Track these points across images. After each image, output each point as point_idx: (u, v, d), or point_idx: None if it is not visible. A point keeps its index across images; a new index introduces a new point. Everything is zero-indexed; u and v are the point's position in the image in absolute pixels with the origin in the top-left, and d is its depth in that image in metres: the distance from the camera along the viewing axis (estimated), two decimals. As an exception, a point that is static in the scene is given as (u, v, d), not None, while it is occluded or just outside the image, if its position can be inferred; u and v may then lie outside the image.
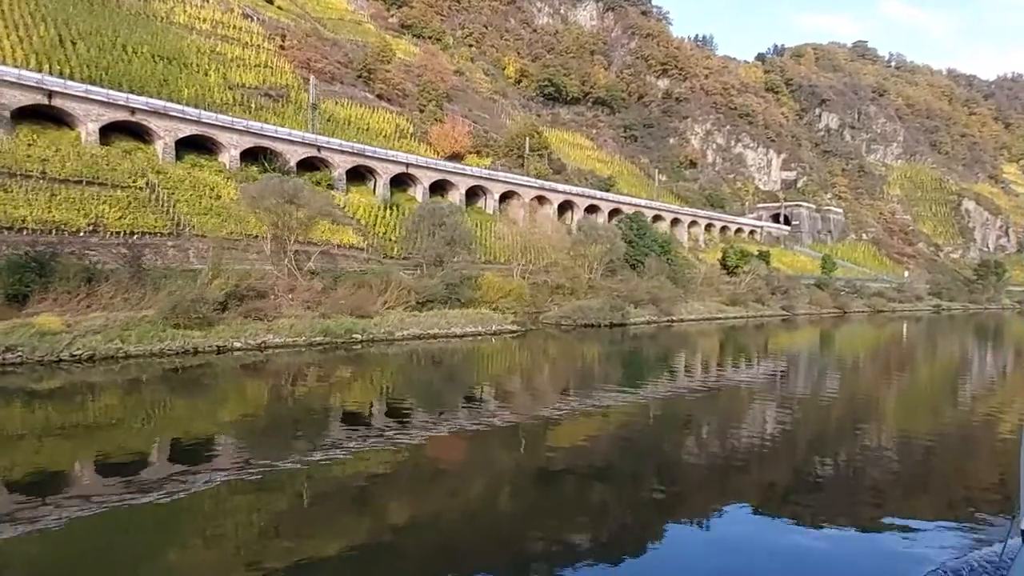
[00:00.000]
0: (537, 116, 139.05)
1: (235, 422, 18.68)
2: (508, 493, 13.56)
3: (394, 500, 12.67)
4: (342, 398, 22.25)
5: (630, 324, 49.87)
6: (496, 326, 38.75)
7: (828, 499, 13.29)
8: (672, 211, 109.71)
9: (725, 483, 14.10)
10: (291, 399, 21.96)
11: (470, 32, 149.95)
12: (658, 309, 52.22)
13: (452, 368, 30.55)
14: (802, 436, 18.88)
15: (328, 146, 63.69)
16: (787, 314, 70.90)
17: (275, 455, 14.62)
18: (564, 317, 45.32)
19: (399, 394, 23.96)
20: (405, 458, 15.01)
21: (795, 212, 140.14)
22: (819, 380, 29.50)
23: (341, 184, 64.98)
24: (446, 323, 35.32)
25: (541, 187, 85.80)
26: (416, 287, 41.63)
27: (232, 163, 56.37)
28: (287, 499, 12.47)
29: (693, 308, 58.20)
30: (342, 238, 56.57)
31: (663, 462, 15.95)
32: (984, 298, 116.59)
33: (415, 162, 71.59)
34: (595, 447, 16.90)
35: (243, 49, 79.15)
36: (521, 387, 25.85)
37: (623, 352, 39.16)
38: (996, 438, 19.12)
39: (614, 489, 13.46)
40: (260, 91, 73.32)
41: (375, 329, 32.70)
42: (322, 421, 18.68)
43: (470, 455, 16.11)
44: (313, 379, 25.70)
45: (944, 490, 14.29)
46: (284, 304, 34.12)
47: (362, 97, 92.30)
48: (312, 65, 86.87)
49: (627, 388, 25.46)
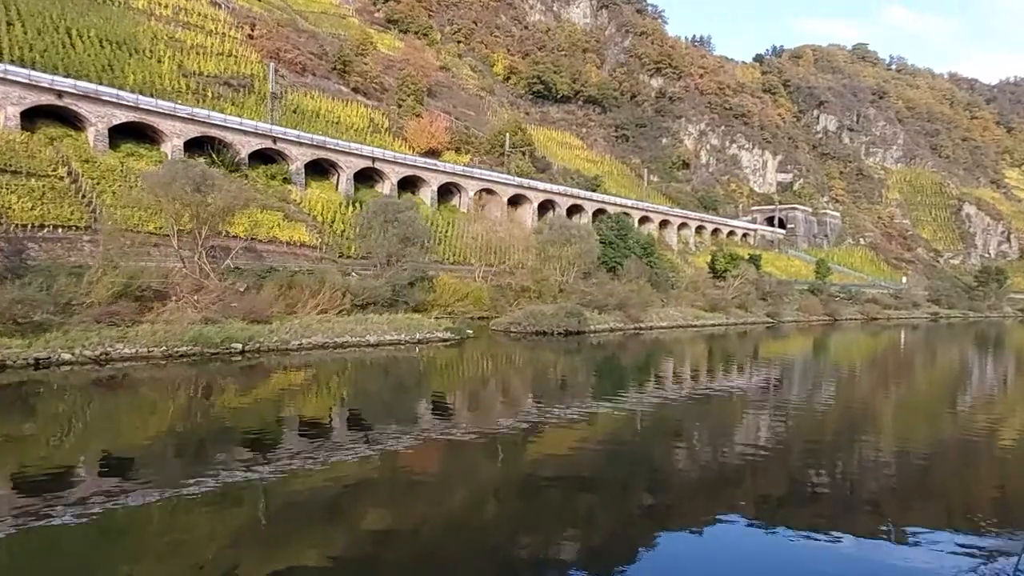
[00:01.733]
0: (526, 114, 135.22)
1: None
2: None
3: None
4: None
5: (591, 332, 44.66)
6: (425, 333, 34.07)
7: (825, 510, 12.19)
8: (661, 212, 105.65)
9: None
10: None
11: (459, 28, 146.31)
12: (625, 315, 47.78)
13: (311, 389, 23.49)
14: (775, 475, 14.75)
15: (285, 137, 59.65)
16: (772, 321, 66.48)
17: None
18: (514, 323, 40.85)
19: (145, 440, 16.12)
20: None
21: (790, 215, 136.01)
22: (794, 412, 25.11)
23: (299, 178, 60.93)
24: (363, 330, 30.72)
25: (520, 185, 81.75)
26: (355, 289, 37.54)
27: (175, 153, 52.30)
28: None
29: (667, 314, 53.70)
30: (292, 235, 52.57)
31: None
32: (985, 305, 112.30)
33: (382, 156, 67.56)
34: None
35: (206, 37, 75.26)
36: (368, 416, 19.95)
37: (560, 367, 32.54)
38: (996, 455, 17.25)
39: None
40: (220, 80, 69.36)
41: (269, 337, 27.53)
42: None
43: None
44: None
45: (945, 502, 13.37)
46: (190, 307, 30.04)
47: (336, 90, 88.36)
48: (282, 55, 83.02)
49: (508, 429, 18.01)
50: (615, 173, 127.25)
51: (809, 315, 74.84)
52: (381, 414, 20.05)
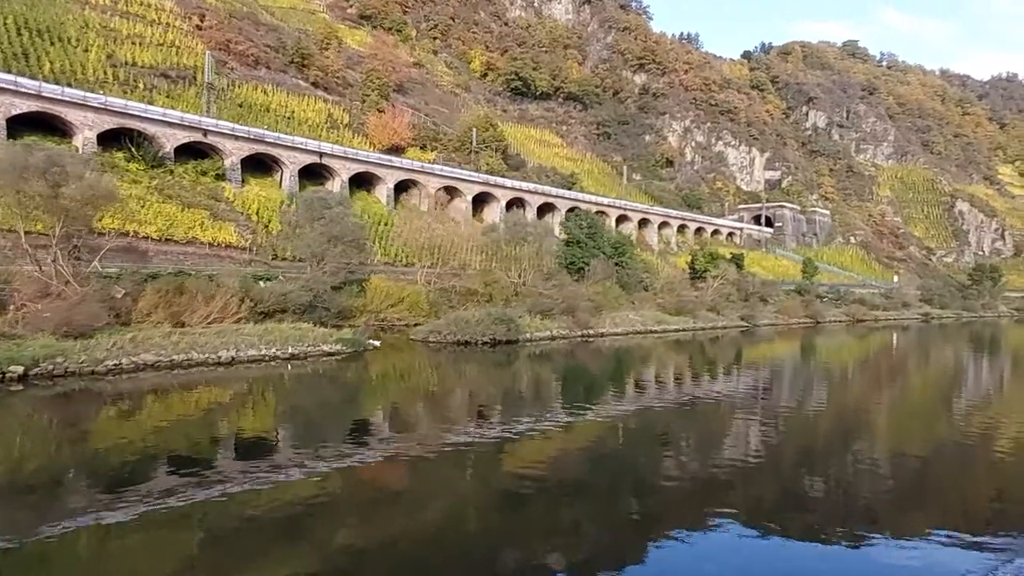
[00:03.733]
0: (503, 111, 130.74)
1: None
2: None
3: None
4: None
5: (529, 341, 38.71)
6: (307, 346, 28.34)
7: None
8: (640, 211, 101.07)
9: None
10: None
11: (435, 24, 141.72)
12: (574, 321, 42.89)
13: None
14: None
15: (216, 130, 54.78)
16: (747, 325, 61.54)
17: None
18: (434, 332, 35.84)
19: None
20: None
21: (778, 213, 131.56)
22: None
23: (235, 175, 56.06)
24: (220, 343, 25.35)
25: (485, 182, 77.00)
26: (256, 295, 32.72)
27: (87, 146, 47.45)
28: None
29: (625, 319, 48.74)
30: (217, 236, 47.76)
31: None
32: (979, 305, 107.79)
33: (330, 151, 62.72)
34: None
35: (147, 27, 70.41)
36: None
37: (446, 392, 25.60)
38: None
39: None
40: (156, 72, 64.50)
41: (77, 356, 21.58)
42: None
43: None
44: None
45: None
46: (35, 316, 25.22)
47: (293, 84, 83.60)
48: (232, 47, 78.33)
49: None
50: (595, 171, 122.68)
51: (788, 317, 69.90)
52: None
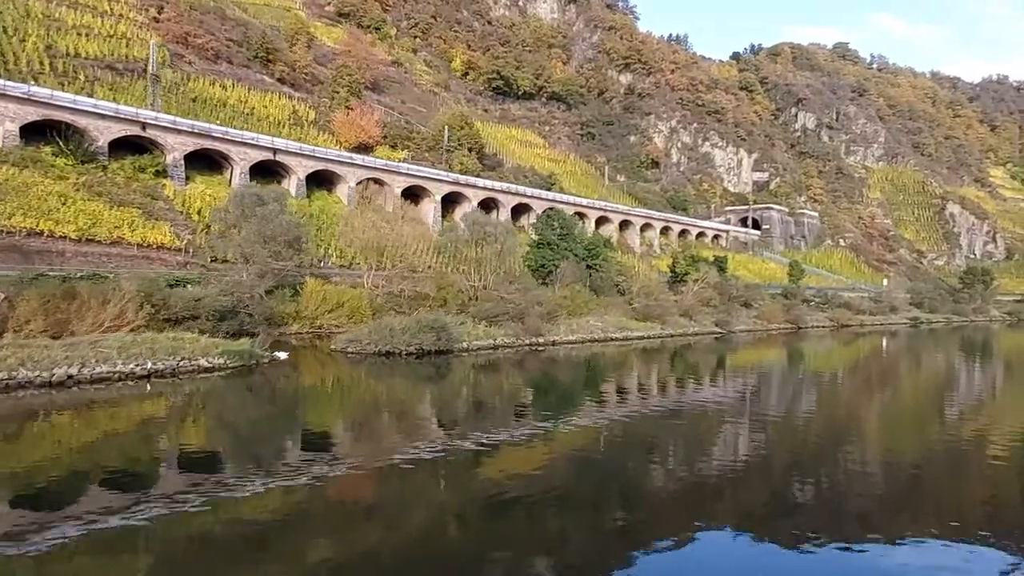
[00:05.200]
0: (484, 111, 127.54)
1: None
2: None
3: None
4: None
5: (466, 351, 34.22)
6: (181, 359, 23.99)
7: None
8: (621, 212, 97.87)
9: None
10: None
11: (416, 23, 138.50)
12: (522, 328, 39.30)
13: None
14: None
15: (157, 123, 51.20)
16: (721, 332, 57.93)
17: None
18: (353, 342, 32.09)
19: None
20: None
21: (765, 215, 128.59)
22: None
23: (178, 172, 52.47)
24: (64, 358, 21.48)
25: (456, 182, 73.60)
26: (158, 299, 29.21)
27: (8, 139, 43.89)
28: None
29: (584, 326, 45.19)
30: (148, 236, 44.20)
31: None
32: (970, 308, 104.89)
33: (285, 147, 59.22)
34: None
35: (97, 17, 66.88)
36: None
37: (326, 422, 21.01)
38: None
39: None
40: (102, 63, 60.95)
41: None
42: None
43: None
44: None
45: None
46: None
47: (257, 80, 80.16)
48: (191, 41, 74.88)
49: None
50: (578, 172, 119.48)
51: (768, 323, 66.42)
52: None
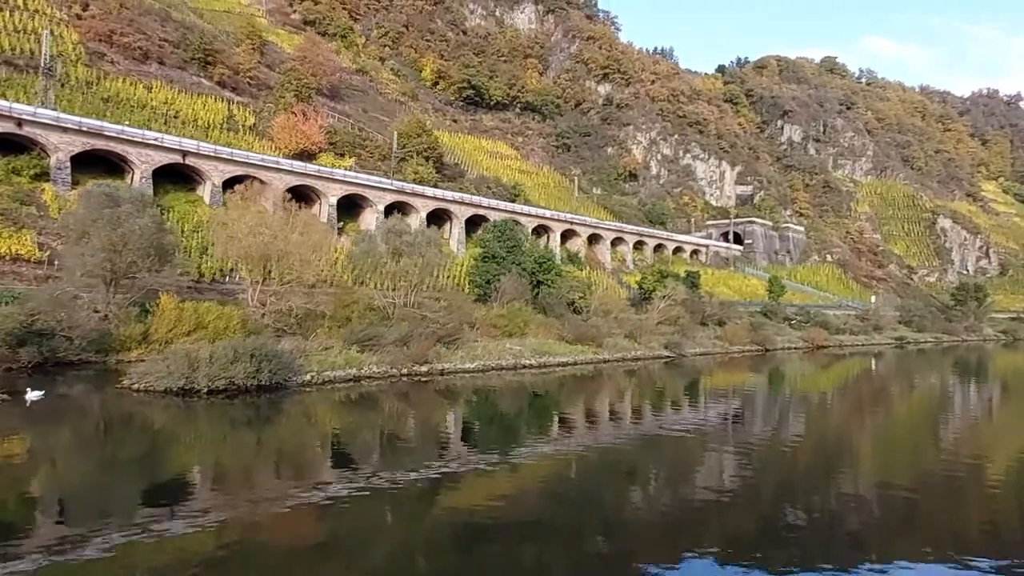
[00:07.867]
0: (453, 122, 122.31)
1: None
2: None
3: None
4: None
5: (310, 385, 28.00)
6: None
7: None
8: (590, 225, 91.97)
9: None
10: None
11: (386, 31, 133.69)
12: (405, 354, 32.70)
13: None
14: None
15: (36, 120, 45.17)
16: (671, 355, 51.27)
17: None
18: (144, 375, 25.47)
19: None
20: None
21: (748, 230, 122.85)
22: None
23: (62, 175, 46.35)
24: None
25: (400, 191, 67.62)
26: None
27: None
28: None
29: (492, 350, 38.45)
30: (8, 247, 38.00)
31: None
32: (961, 327, 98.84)
33: (197, 149, 53.20)
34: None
35: (7, 12, 61.26)
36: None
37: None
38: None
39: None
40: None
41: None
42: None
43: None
44: None
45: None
46: None
47: (194, 83, 74.49)
48: (115, 39, 69.23)
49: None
50: (550, 184, 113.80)
51: (731, 344, 59.75)
52: None
